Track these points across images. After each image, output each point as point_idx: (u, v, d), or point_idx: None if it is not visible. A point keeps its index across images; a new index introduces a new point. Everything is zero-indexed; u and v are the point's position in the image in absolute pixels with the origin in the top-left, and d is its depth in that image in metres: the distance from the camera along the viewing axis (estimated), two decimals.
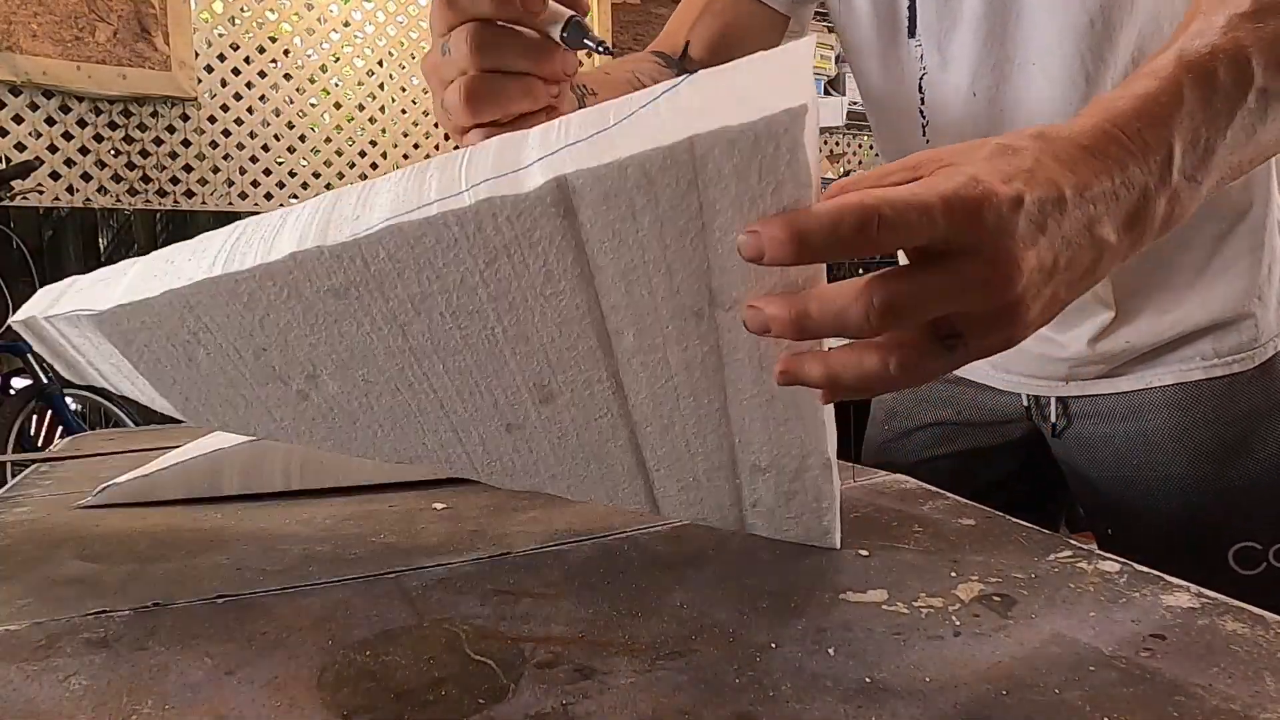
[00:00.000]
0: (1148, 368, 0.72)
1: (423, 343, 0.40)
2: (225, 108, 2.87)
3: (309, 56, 3.01)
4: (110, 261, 3.03)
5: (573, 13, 0.45)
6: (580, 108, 0.51)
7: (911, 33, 0.68)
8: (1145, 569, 0.43)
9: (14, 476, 0.80)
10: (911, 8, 0.68)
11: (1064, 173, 0.33)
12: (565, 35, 0.45)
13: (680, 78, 0.35)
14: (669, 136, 0.32)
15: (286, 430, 0.46)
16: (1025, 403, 0.79)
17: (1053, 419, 0.77)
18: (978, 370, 0.81)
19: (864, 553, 0.48)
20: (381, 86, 3.14)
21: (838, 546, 0.48)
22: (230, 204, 2.89)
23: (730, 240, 0.33)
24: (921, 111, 0.71)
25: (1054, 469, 0.81)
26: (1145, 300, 0.69)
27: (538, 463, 0.46)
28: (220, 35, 2.84)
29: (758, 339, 0.37)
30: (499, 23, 0.44)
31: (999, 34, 0.65)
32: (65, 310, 0.46)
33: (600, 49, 0.46)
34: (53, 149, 2.62)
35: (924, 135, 0.72)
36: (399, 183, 0.39)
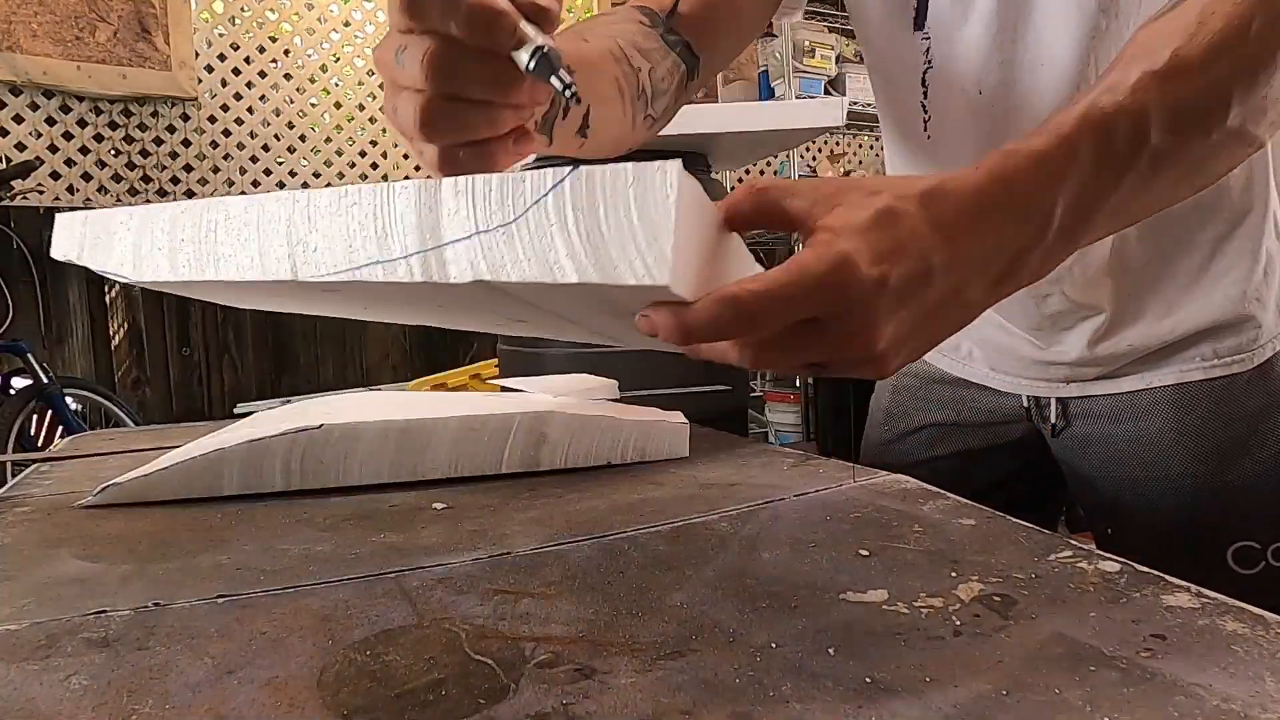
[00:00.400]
0: (1148, 368, 0.72)
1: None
2: (225, 108, 2.87)
3: (309, 56, 3.01)
4: None
5: (542, 42, 0.39)
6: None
7: (919, 25, 0.67)
8: (1145, 569, 0.43)
9: (14, 476, 0.80)
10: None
11: (939, 244, 0.36)
12: (532, 66, 0.39)
13: (566, 172, 0.34)
14: (564, 267, 0.34)
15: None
16: (1025, 404, 0.79)
17: (1053, 419, 0.77)
18: (977, 372, 0.81)
19: (864, 553, 0.48)
20: (381, 86, 3.14)
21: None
22: None
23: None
24: (924, 106, 0.70)
25: (1053, 469, 0.81)
26: (1145, 303, 0.69)
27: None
28: (220, 35, 2.84)
29: None
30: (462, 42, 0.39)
31: (1010, 32, 0.64)
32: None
33: (568, 93, 0.39)
34: (53, 149, 2.62)
35: (925, 131, 0.71)
36: (344, 217, 0.41)
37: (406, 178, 2.81)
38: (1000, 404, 0.80)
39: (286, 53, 2.96)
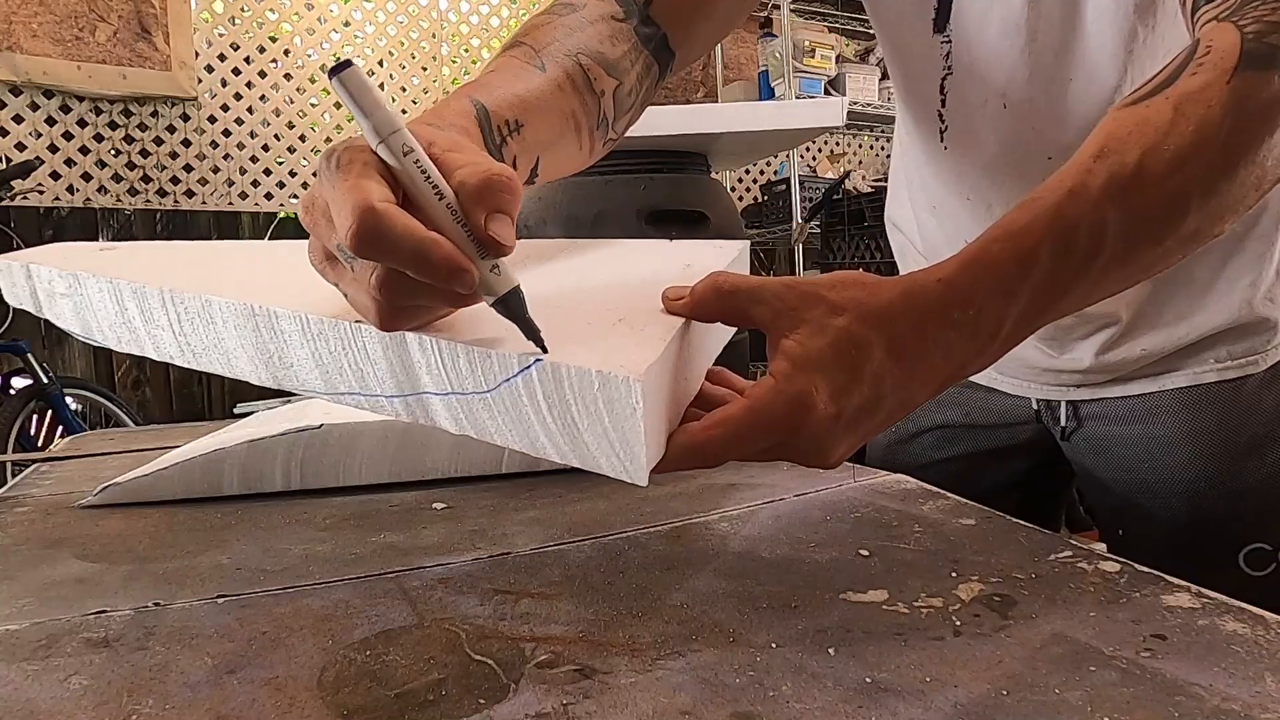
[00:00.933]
0: (1160, 371, 0.71)
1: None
2: (225, 108, 2.87)
3: (309, 56, 3.01)
4: None
5: (504, 290, 0.35)
6: (501, 152, 0.45)
7: (940, 27, 0.64)
8: (1145, 569, 0.43)
9: (14, 476, 0.80)
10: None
11: (892, 370, 0.39)
12: (500, 310, 0.36)
13: (530, 361, 0.35)
14: (544, 445, 0.38)
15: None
16: (1035, 406, 0.78)
17: (1063, 422, 0.76)
18: (985, 374, 0.81)
19: (864, 553, 0.48)
20: (381, 86, 3.14)
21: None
22: (230, 204, 2.89)
23: None
24: (941, 115, 0.68)
25: (1063, 471, 0.80)
26: (1160, 310, 0.69)
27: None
28: (220, 35, 2.84)
29: None
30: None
31: (1040, 42, 0.60)
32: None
33: (533, 339, 0.36)
34: (53, 149, 2.62)
35: (942, 141, 0.69)
36: (312, 345, 0.40)
37: None
38: (1010, 406, 0.79)
39: (286, 53, 2.96)
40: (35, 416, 2.45)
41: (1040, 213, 0.41)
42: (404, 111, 3.16)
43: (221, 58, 2.85)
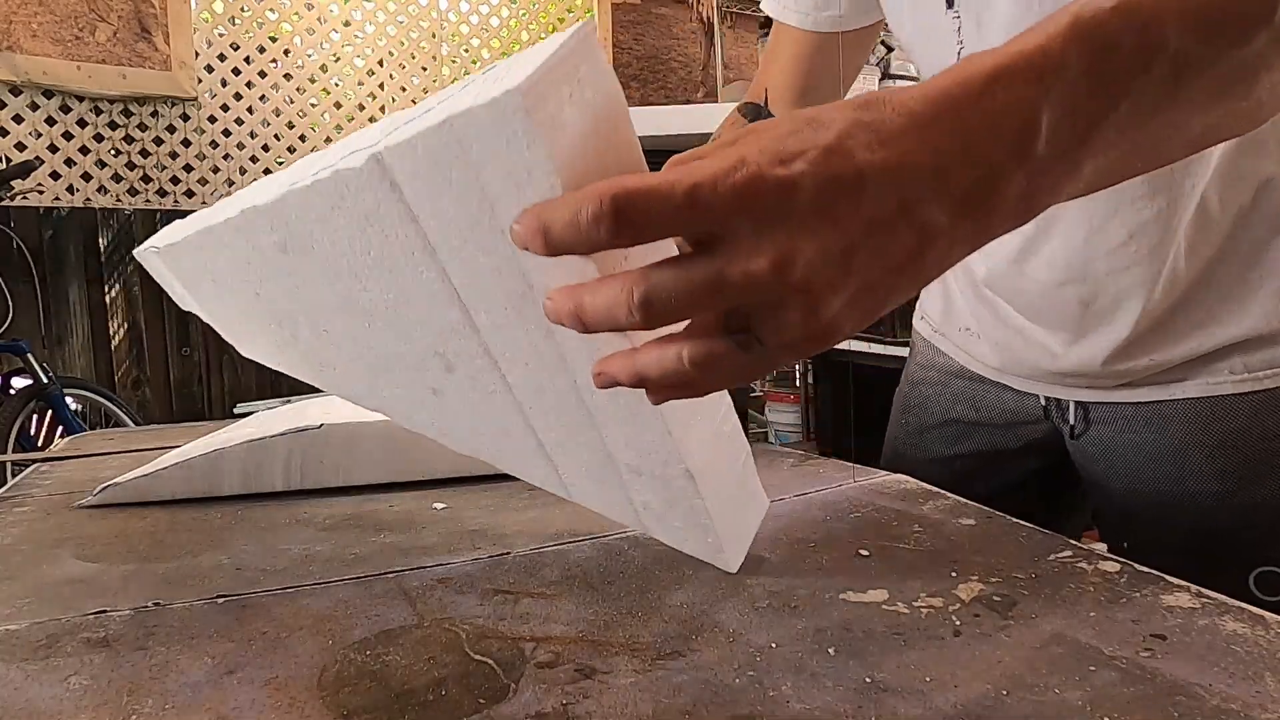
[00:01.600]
0: (1173, 380, 0.68)
1: (349, 301, 0.42)
2: (225, 108, 2.87)
3: (309, 56, 3.01)
4: (110, 261, 3.00)
5: None
6: None
7: (950, 2, 0.62)
8: (1145, 569, 0.43)
9: (14, 476, 0.80)
10: None
11: (872, 149, 0.29)
12: None
13: (491, 66, 0.35)
14: (439, 118, 0.33)
15: (288, 367, 0.50)
16: (1043, 403, 0.76)
17: (1071, 421, 0.75)
18: (993, 370, 0.79)
19: (864, 553, 0.48)
20: (381, 86, 3.14)
21: (733, 569, 0.45)
22: None
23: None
24: None
25: (1073, 476, 0.78)
26: (1172, 319, 0.65)
27: (463, 429, 0.47)
28: (220, 35, 2.84)
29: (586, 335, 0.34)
30: None
31: (1048, 5, 0.60)
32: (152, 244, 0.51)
33: None
34: (53, 149, 2.62)
35: None
36: (320, 155, 0.41)
37: None
38: (1020, 404, 0.78)
39: (286, 53, 2.96)
40: (35, 416, 2.45)
41: (1060, 15, 0.32)
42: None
43: (221, 58, 2.85)
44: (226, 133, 2.88)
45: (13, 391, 2.43)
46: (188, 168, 2.82)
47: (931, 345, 0.87)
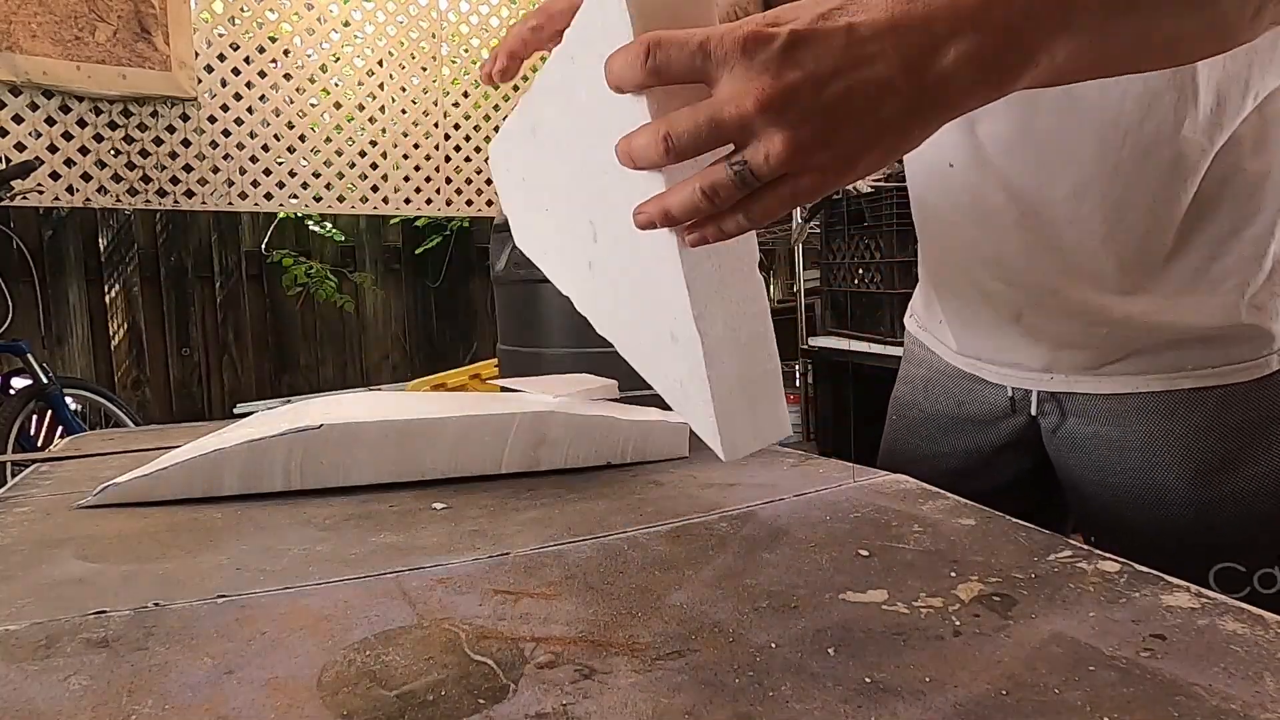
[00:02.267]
0: (1136, 371, 0.69)
1: (558, 173, 0.56)
2: (225, 108, 2.87)
3: (309, 56, 3.01)
4: (110, 261, 3.00)
5: None
6: None
7: None
8: (1145, 569, 0.43)
9: (14, 476, 0.80)
10: None
11: (849, 14, 0.36)
12: None
13: None
14: None
15: (538, 250, 0.68)
16: (1010, 394, 0.78)
17: (1033, 411, 0.76)
18: (967, 359, 0.81)
19: (864, 553, 0.48)
20: (381, 86, 3.14)
21: (723, 458, 0.48)
22: (230, 204, 2.89)
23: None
24: None
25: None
26: (1135, 303, 0.67)
27: (603, 308, 0.59)
28: (220, 35, 2.84)
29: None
30: None
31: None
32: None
33: None
34: (53, 149, 2.62)
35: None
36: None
37: (406, 178, 2.76)
38: (993, 396, 0.79)
39: (286, 53, 2.96)
40: (35, 416, 2.45)
41: None
42: (403, 112, 3.16)
43: (221, 58, 2.85)
44: (226, 133, 2.88)
45: (13, 391, 2.43)
46: (188, 168, 2.82)
47: (917, 341, 0.88)
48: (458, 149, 3.29)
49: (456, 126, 3.29)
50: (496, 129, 3.49)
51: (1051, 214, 0.66)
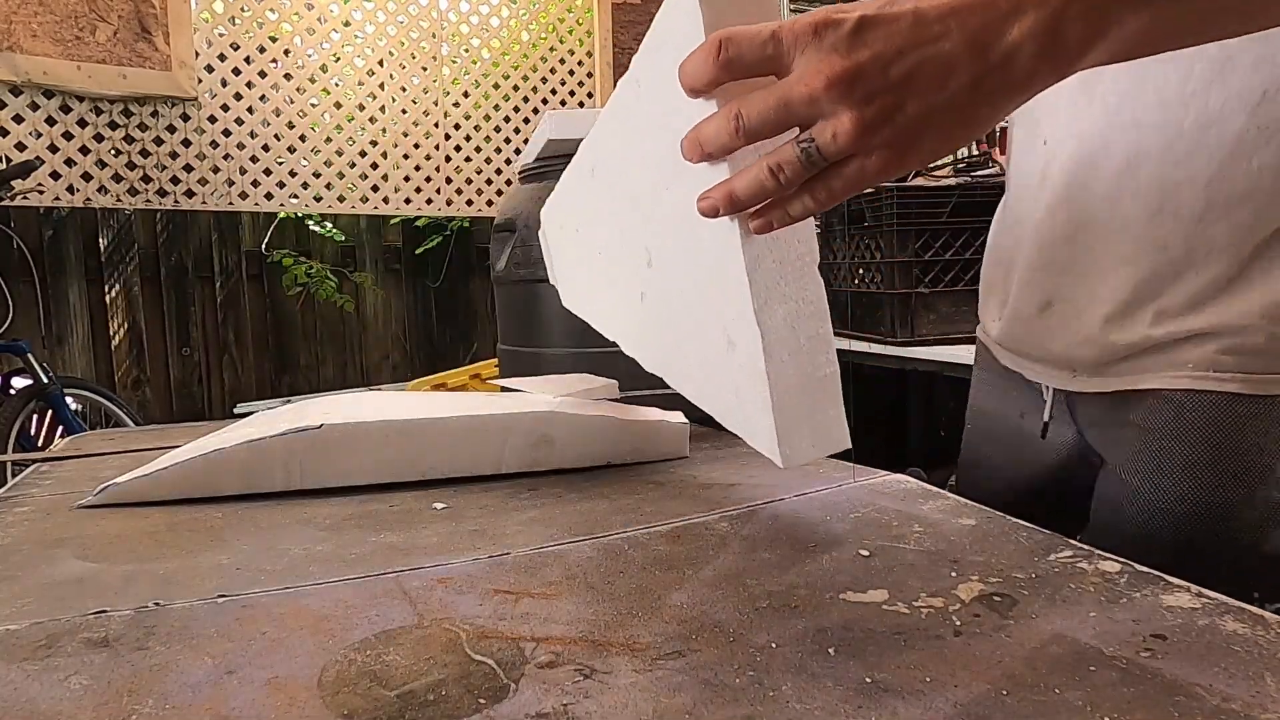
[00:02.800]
0: (1156, 369, 0.65)
1: (615, 210, 0.60)
2: (225, 108, 2.86)
3: (309, 56, 3.01)
4: (110, 261, 3.00)
5: None
6: None
7: None
8: (1145, 569, 0.43)
9: (14, 476, 0.80)
10: None
11: (915, 2, 0.37)
12: None
13: None
14: None
15: (586, 302, 0.73)
16: (1046, 397, 0.74)
17: (1052, 412, 0.73)
18: (1005, 354, 0.78)
19: (864, 553, 0.47)
20: (382, 86, 3.14)
21: (780, 465, 0.48)
22: (230, 204, 2.89)
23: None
24: None
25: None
26: (1171, 291, 0.62)
27: (653, 337, 0.60)
28: (220, 35, 2.84)
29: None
30: None
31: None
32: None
33: None
34: (53, 149, 2.62)
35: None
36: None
37: (406, 178, 2.75)
38: (1030, 395, 0.76)
39: (286, 53, 2.96)
40: (35, 416, 2.45)
41: None
42: (403, 112, 3.16)
43: (221, 58, 2.85)
44: (226, 133, 2.88)
45: (13, 391, 2.43)
46: (188, 168, 2.82)
47: (982, 345, 0.85)
48: (458, 149, 3.29)
49: (457, 126, 3.29)
50: (497, 129, 3.48)
51: (1101, 188, 0.63)
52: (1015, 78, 0.38)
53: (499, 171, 3.39)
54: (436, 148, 3.24)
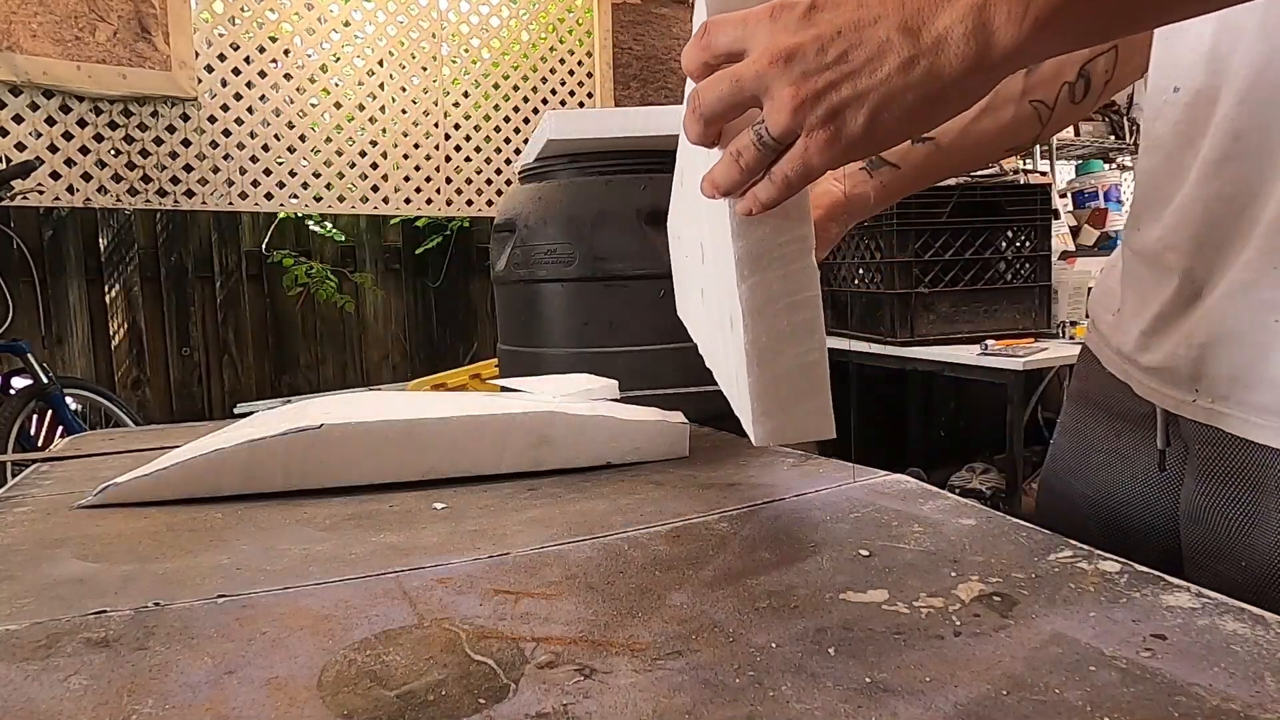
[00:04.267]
0: (1252, 412, 0.52)
1: (691, 213, 0.62)
2: (225, 108, 2.87)
3: (309, 56, 3.01)
4: (110, 261, 3.00)
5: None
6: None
7: None
8: (1145, 569, 0.43)
9: (14, 476, 0.80)
10: None
11: None
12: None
13: None
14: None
15: (687, 310, 0.77)
16: (1160, 419, 0.61)
17: (1167, 440, 0.61)
18: (1121, 359, 0.65)
19: (864, 553, 0.48)
20: (381, 86, 3.14)
21: (756, 442, 0.50)
22: (230, 204, 2.90)
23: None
24: None
25: None
26: (1235, 333, 0.52)
27: (707, 332, 0.63)
28: (220, 35, 2.84)
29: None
30: None
31: None
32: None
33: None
34: (53, 149, 2.62)
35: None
36: None
37: (406, 178, 2.75)
38: (1138, 408, 0.63)
39: (286, 53, 2.96)
40: (35, 416, 2.45)
41: None
42: (403, 112, 3.16)
43: (221, 58, 2.85)
44: (226, 133, 2.88)
45: (13, 391, 2.43)
46: (188, 168, 2.82)
47: (1088, 348, 0.73)
48: (458, 149, 3.29)
49: (456, 126, 3.29)
50: (497, 129, 3.48)
51: (1274, 160, 0.51)
52: (947, 63, 0.38)
53: (499, 171, 3.39)
54: (436, 148, 3.24)
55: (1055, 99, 0.66)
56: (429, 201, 3.24)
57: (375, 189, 3.14)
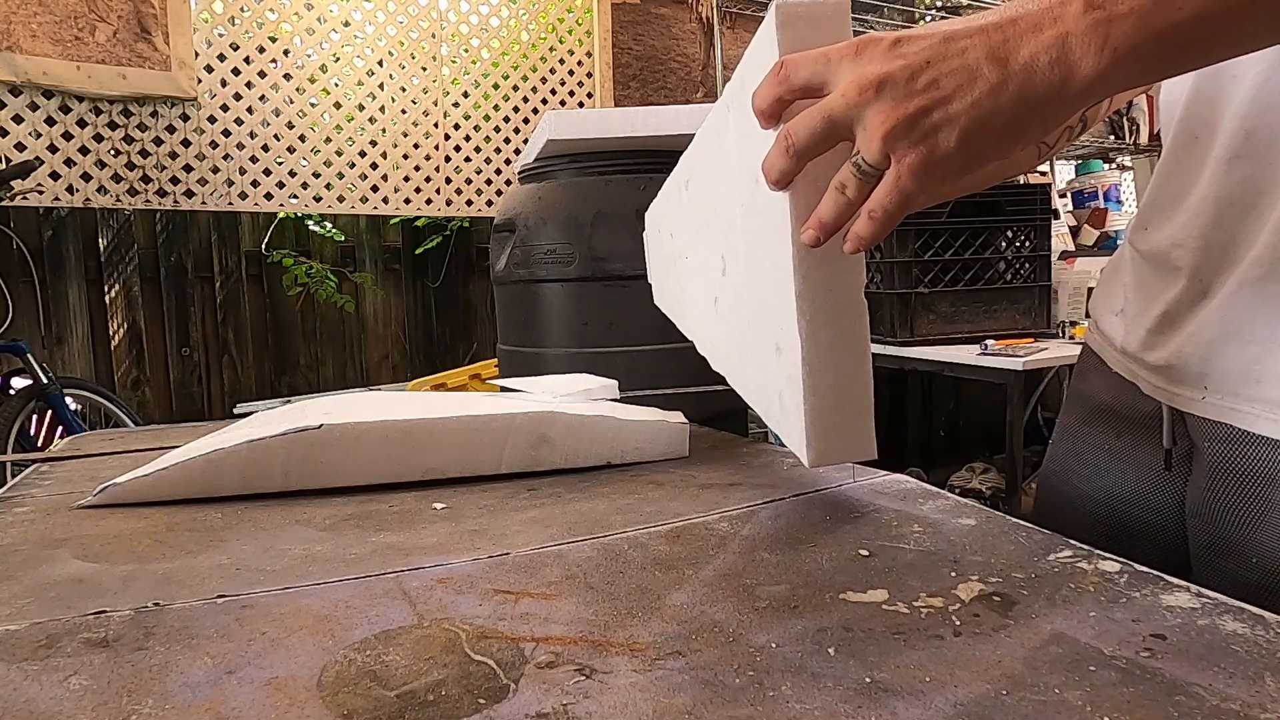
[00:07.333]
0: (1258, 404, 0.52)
1: (701, 221, 0.67)
2: (225, 108, 2.86)
3: (309, 56, 3.01)
4: (110, 261, 3.00)
5: None
6: None
7: None
8: (1145, 569, 0.43)
9: (14, 476, 0.80)
10: None
11: (945, 25, 0.41)
12: None
13: None
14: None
15: (672, 301, 0.83)
16: (1165, 415, 0.61)
17: (1173, 437, 0.60)
18: (1126, 359, 0.65)
19: (864, 552, 0.48)
20: (381, 86, 3.14)
21: (807, 464, 0.52)
22: (230, 204, 2.89)
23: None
24: None
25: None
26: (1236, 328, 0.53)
27: (723, 339, 0.66)
28: (220, 35, 2.84)
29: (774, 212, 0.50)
30: None
31: None
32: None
33: None
34: (53, 149, 2.62)
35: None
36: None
37: (406, 178, 2.75)
38: (1147, 406, 0.64)
39: (286, 53, 2.96)
40: (35, 416, 2.45)
41: None
42: (403, 112, 3.16)
43: (221, 58, 2.84)
44: (226, 133, 2.87)
45: (13, 391, 2.43)
46: (188, 168, 2.82)
47: (1089, 348, 0.74)
48: (458, 149, 3.29)
49: (456, 126, 3.29)
50: (497, 129, 3.48)
51: None
52: (1036, 86, 0.40)
53: (499, 171, 3.38)
54: (436, 148, 3.23)
55: (1056, 139, 0.65)
56: (429, 202, 3.24)
57: (375, 189, 3.14)
